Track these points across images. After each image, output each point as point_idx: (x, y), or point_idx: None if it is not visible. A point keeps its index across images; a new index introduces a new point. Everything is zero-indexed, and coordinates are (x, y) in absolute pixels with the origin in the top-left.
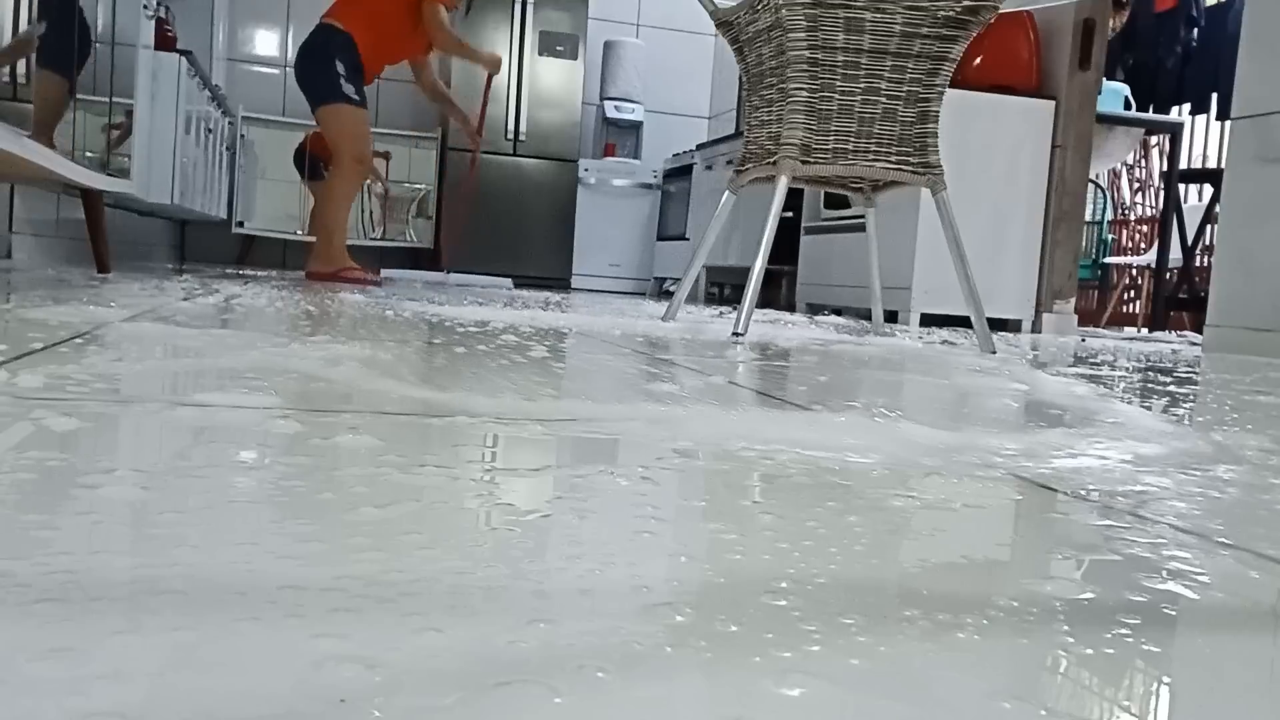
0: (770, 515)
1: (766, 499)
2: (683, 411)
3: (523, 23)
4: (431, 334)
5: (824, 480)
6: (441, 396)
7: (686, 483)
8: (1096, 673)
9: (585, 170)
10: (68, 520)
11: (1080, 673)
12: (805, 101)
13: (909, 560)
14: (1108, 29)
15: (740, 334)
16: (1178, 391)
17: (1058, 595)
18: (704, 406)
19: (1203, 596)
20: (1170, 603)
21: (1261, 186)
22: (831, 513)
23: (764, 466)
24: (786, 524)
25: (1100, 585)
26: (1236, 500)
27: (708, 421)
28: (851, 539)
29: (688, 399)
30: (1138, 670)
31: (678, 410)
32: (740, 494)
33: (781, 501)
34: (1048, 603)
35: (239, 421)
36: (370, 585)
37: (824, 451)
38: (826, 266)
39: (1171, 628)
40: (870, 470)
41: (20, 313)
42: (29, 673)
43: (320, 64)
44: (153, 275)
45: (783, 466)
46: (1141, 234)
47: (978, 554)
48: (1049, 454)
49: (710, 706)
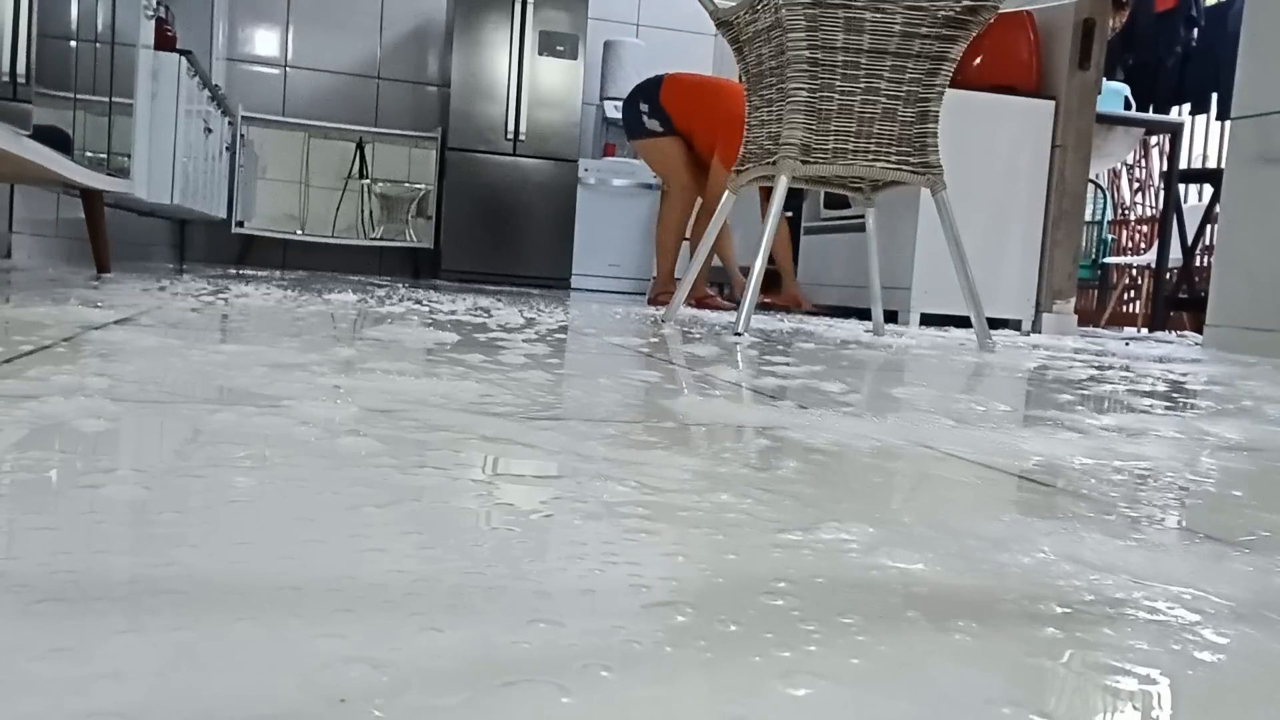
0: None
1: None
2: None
3: (523, 22)
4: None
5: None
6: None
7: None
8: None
9: (585, 170)
10: (68, 520)
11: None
12: (805, 101)
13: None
14: (1108, 29)
15: (740, 333)
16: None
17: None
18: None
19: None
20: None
21: (1261, 186)
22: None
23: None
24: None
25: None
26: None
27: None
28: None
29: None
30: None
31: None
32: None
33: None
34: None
35: (236, 423)
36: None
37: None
38: (826, 266)
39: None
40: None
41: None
42: (29, 673)
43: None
44: (153, 275)
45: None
46: (1141, 234)
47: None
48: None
49: (712, 706)
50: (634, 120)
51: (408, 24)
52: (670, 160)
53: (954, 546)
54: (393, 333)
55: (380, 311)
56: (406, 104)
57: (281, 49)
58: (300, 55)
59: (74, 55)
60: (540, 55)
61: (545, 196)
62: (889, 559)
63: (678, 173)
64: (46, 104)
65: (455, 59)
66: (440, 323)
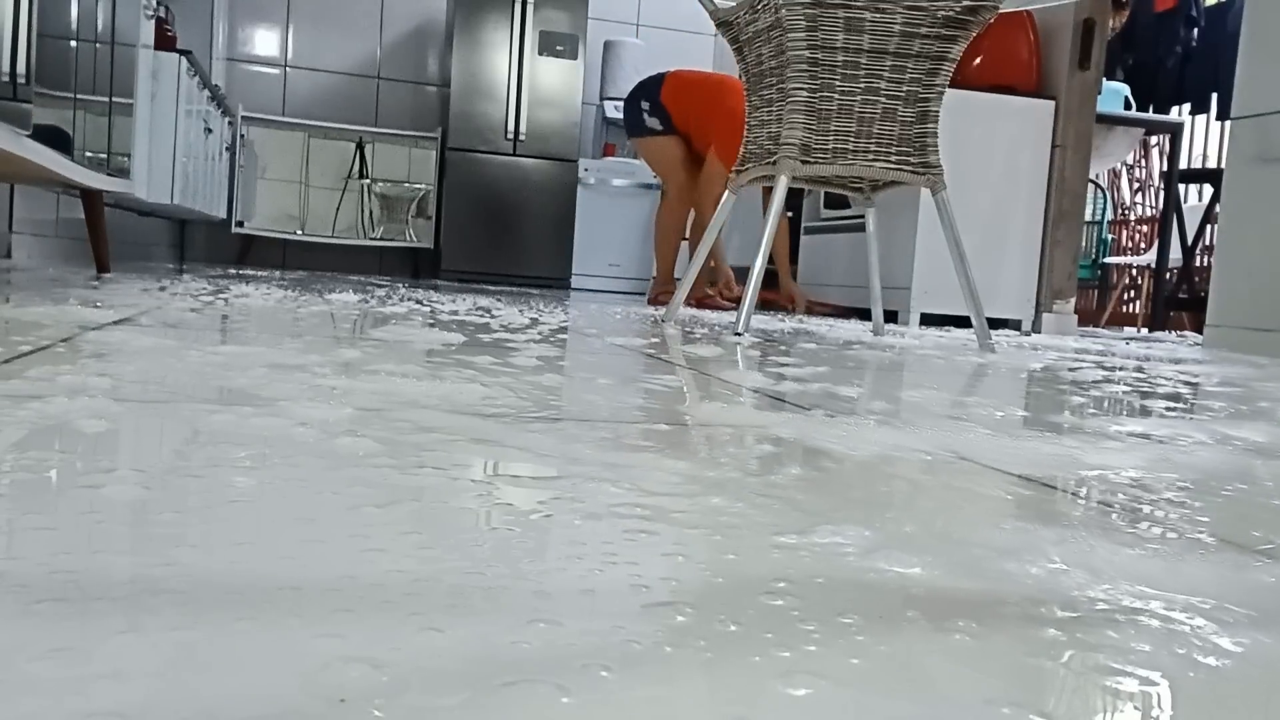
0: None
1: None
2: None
3: (523, 22)
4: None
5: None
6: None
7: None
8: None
9: (585, 170)
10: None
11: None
12: (805, 101)
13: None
14: (1108, 29)
15: (740, 333)
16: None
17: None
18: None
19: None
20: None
21: (1261, 186)
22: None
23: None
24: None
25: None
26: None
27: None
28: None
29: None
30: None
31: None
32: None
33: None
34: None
35: (238, 423)
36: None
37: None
38: (826, 266)
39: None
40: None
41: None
42: (29, 673)
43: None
44: (153, 275)
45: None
46: (1141, 234)
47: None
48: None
49: (712, 706)
50: (634, 118)
51: (408, 24)
52: (669, 159)
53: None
54: (397, 333)
55: (383, 311)
56: (406, 104)
57: (281, 49)
58: (300, 55)
59: (74, 55)
60: (540, 55)
61: (545, 196)
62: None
63: (676, 172)
64: (46, 104)
65: (455, 59)
66: (443, 323)
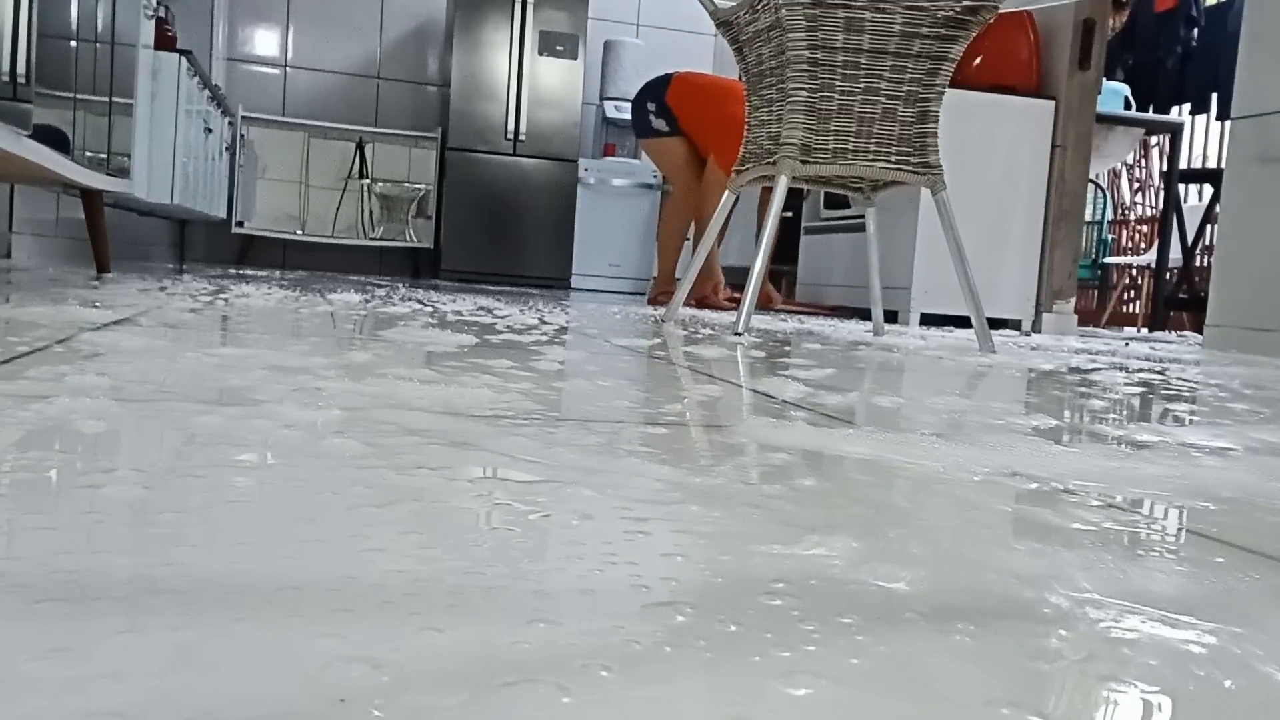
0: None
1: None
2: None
3: (523, 22)
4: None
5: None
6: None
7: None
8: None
9: (585, 170)
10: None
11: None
12: (805, 101)
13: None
14: (1108, 29)
15: (740, 333)
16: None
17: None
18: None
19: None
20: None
21: (1261, 186)
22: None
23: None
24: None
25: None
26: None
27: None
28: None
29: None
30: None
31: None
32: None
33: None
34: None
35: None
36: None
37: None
38: (826, 266)
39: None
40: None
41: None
42: (29, 673)
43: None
44: (153, 275)
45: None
46: (1141, 234)
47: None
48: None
49: (712, 706)
50: (641, 119)
51: (408, 24)
52: (674, 161)
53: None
54: (407, 335)
55: (386, 312)
56: (406, 104)
57: (281, 49)
58: (300, 55)
59: (74, 55)
60: (540, 55)
61: (545, 196)
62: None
63: (681, 173)
64: (46, 104)
65: (455, 59)
66: (449, 323)
